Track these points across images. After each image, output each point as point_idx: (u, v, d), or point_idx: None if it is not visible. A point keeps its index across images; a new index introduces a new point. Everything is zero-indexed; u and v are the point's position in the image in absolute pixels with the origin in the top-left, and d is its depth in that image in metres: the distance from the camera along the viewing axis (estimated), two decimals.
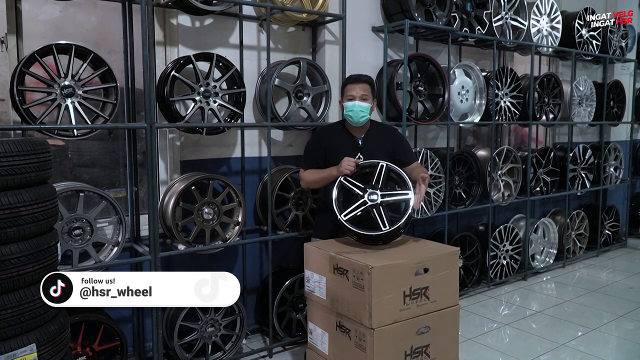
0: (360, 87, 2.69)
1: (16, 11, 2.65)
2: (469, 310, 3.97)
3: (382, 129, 2.87)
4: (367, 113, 2.70)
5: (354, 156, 2.65)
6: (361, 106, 2.67)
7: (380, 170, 2.53)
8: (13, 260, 1.76)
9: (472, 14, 4.10)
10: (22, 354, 1.77)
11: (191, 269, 3.20)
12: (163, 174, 3.10)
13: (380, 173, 2.53)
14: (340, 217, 2.43)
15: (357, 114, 2.67)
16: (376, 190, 2.49)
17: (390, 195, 2.51)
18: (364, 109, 2.68)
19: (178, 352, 2.91)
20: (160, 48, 3.05)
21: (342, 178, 2.53)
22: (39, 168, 1.88)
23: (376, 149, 2.74)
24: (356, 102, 2.67)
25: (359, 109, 2.67)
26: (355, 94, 2.68)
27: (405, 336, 2.25)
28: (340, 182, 2.53)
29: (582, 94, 5.12)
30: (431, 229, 4.27)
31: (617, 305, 4.08)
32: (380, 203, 2.47)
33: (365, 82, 2.73)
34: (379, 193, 2.48)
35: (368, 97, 2.70)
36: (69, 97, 2.48)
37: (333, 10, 3.43)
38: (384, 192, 2.50)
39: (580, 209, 5.55)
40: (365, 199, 2.47)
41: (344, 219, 2.43)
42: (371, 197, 2.48)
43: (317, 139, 2.84)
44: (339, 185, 2.52)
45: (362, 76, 2.76)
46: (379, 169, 2.53)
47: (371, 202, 2.47)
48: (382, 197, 2.48)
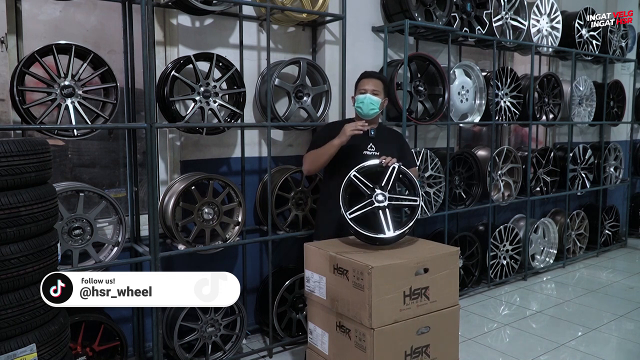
0: (373, 83, 2.75)
1: (16, 11, 2.65)
2: (469, 310, 3.97)
3: (391, 130, 2.97)
4: (377, 107, 2.73)
5: (365, 147, 2.73)
6: (371, 99, 2.71)
7: (392, 172, 2.51)
8: (13, 260, 1.76)
9: (472, 14, 4.10)
10: (22, 354, 1.77)
11: (191, 269, 3.20)
12: (163, 174, 3.10)
13: (392, 175, 2.50)
14: (345, 214, 2.41)
15: (367, 106, 2.71)
16: (384, 192, 2.47)
17: (398, 200, 2.49)
18: (374, 102, 2.72)
19: (178, 352, 2.91)
20: (160, 48, 3.05)
21: (353, 174, 2.48)
22: (39, 168, 1.88)
23: (388, 142, 2.81)
24: (367, 94, 2.72)
25: (369, 101, 2.71)
26: (368, 87, 2.73)
27: (405, 336, 2.24)
28: (349, 178, 2.49)
29: (582, 94, 5.12)
30: (431, 229, 4.27)
31: (617, 305, 4.08)
32: (387, 205, 2.45)
33: (379, 78, 2.79)
34: (387, 195, 2.46)
35: (379, 93, 2.75)
36: (69, 97, 2.48)
37: (333, 10, 3.43)
38: (392, 195, 2.47)
39: (580, 209, 5.55)
40: (373, 199, 2.45)
41: (349, 217, 2.41)
42: (378, 198, 2.46)
43: (328, 128, 2.85)
44: (348, 181, 2.49)
45: (376, 73, 2.85)
46: (390, 170, 2.51)
47: (378, 203, 2.44)
48: (389, 199, 2.46)
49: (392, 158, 2.57)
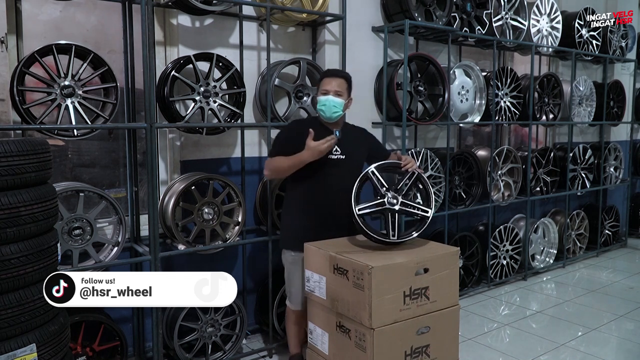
0: (336, 82, 2.59)
1: (16, 11, 2.65)
2: (469, 310, 3.97)
3: (355, 128, 2.84)
4: (339, 109, 2.60)
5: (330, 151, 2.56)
6: (334, 101, 2.57)
7: (411, 177, 2.49)
8: (13, 260, 1.76)
9: (472, 14, 4.10)
10: (22, 354, 1.77)
11: (191, 269, 3.20)
12: (163, 174, 3.10)
13: (410, 180, 2.49)
14: (355, 209, 2.39)
15: (330, 108, 2.58)
16: (398, 195, 2.44)
17: (409, 207, 2.46)
18: (337, 105, 2.58)
19: (178, 352, 2.90)
20: (160, 48, 3.05)
21: (371, 170, 2.45)
22: (39, 168, 1.88)
23: (353, 142, 2.71)
24: (329, 96, 2.57)
25: (332, 103, 2.57)
26: (330, 88, 2.58)
27: (405, 336, 2.25)
28: (367, 173, 2.45)
29: (582, 94, 5.12)
30: (431, 229, 4.26)
31: (617, 305, 4.08)
32: (398, 210, 2.43)
33: (342, 77, 2.63)
34: (400, 200, 2.44)
35: (343, 93, 2.60)
36: (69, 97, 2.48)
37: (333, 10, 3.43)
38: (405, 201, 2.45)
39: (580, 209, 5.55)
40: (385, 200, 2.42)
41: (357, 213, 2.39)
42: (391, 200, 2.43)
43: (291, 130, 2.72)
44: (365, 176, 2.45)
45: (339, 71, 2.68)
46: (409, 175, 2.50)
47: (389, 205, 2.42)
48: (401, 204, 2.44)
49: (412, 161, 2.55)
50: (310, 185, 2.63)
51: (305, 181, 2.62)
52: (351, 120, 3.05)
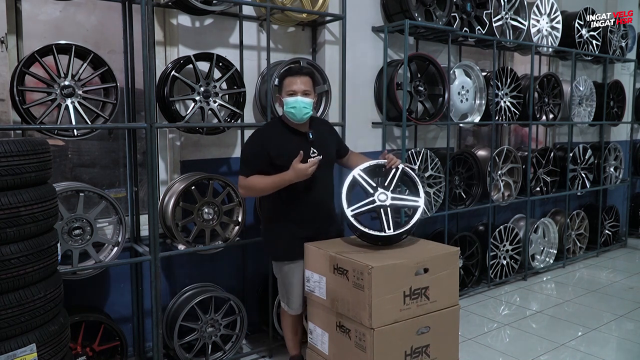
0: (302, 81, 2.47)
1: (16, 11, 2.65)
2: (469, 310, 3.97)
3: (320, 121, 2.75)
4: (310, 109, 2.49)
5: (307, 152, 2.50)
6: (304, 102, 2.46)
7: (395, 173, 2.52)
8: (13, 260, 1.76)
9: (472, 14, 4.10)
10: (22, 354, 1.77)
11: (191, 268, 3.21)
12: (163, 174, 3.10)
13: (395, 175, 2.52)
14: (347, 211, 2.42)
15: (300, 110, 2.46)
16: (386, 191, 2.47)
17: (400, 200, 2.50)
18: (307, 105, 2.47)
19: (178, 352, 2.90)
20: (160, 48, 3.05)
21: (357, 173, 2.49)
22: (39, 168, 1.88)
23: (326, 141, 2.66)
24: (298, 97, 2.46)
25: (302, 105, 2.46)
26: (297, 88, 2.46)
27: (405, 336, 2.25)
28: (354, 176, 2.49)
29: (582, 94, 5.12)
30: (431, 229, 4.27)
31: (617, 305, 4.08)
32: (389, 205, 2.45)
33: (307, 74, 2.52)
34: (389, 195, 2.47)
35: (310, 92, 2.49)
36: (69, 97, 2.48)
37: (333, 10, 3.43)
38: (394, 195, 2.48)
39: (580, 209, 5.55)
40: (375, 198, 2.46)
41: (350, 214, 2.42)
42: (380, 197, 2.46)
43: (258, 143, 2.54)
44: (352, 180, 2.49)
45: (303, 68, 2.57)
46: (394, 170, 2.53)
47: (380, 202, 2.45)
48: (392, 199, 2.47)
49: (396, 159, 2.56)
50: (293, 192, 2.53)
51: (287, 189, 2.50)
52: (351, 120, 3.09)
